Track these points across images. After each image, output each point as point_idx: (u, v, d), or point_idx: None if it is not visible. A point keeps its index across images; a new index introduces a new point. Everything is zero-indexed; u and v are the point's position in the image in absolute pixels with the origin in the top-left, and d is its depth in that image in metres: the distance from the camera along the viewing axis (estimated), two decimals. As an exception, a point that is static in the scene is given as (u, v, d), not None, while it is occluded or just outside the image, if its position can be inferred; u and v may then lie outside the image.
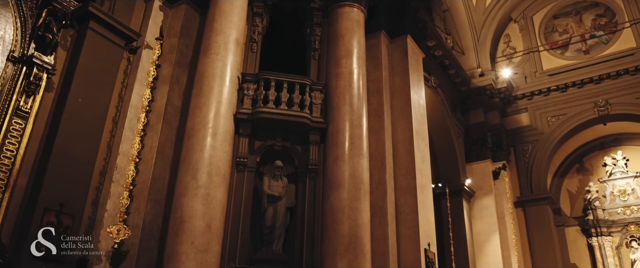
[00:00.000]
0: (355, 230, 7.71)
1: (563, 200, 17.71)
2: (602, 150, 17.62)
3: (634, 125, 16.05)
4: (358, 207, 7.88)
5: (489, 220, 14.93)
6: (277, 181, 8.29)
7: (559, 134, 16.23)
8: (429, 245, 9.41)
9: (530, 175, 16.21)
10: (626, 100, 15.45)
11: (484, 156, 15.70)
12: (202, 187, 7.24)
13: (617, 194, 16.42)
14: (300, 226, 8.19)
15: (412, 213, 9.14)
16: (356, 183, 8.04)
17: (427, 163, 10.24)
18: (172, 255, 6.88)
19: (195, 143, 7.51)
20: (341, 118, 8.53)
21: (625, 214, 16.11)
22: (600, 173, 17.13)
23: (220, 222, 7.33)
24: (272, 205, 8.11)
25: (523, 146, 16.65)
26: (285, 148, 8.54)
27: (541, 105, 16.77)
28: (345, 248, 7.59)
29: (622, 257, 15.94)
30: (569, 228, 17.07)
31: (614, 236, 16.15)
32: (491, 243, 14.67)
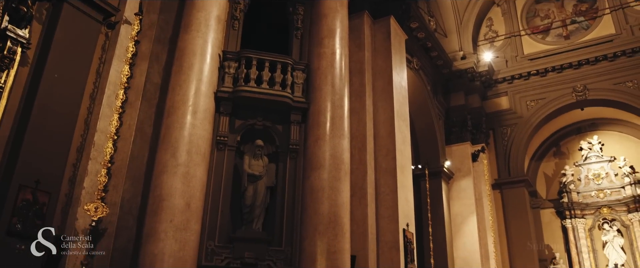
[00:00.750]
0: (335, 209, 7.76)
1: (539, 182, 18.06)
2: (579, 134, 17.97)
3: (611, 111, 16.36)
4: (338, 187, 7.91)
5: (467, 202, 15.18)
6: (257, 160, 8.26)
7: (538, 118, 16.48)
8: (407, 225, 9.54)
9: (508, 158, 16.46)
10: (604, 86, 15.71)
11: (463, 138, 15.89)
12: (181, 165, 7.19)
13: (592, 178, 16.79)
14: (280, 205, 8.21)
15: (391, 193, 9.24)
16: (337, 163, 8.06)
17: (407, 145, 10.32)
18: (151, 233, 6.84)
19: (175, 121, 7.43)
20: (323, 98, 8.51)
21: (598, 197, 16.50)
22: (576, 157, 17.48)
23: (199, 200, 7.30)
24: (252, 184, 8.08)
25: (502, 129, 16.88)
26: (266, 127, 8.50)
27: (521, 89, 16.97)
28: (324, 227, 7.65)
29: (594, 239, 16.39)
30: (544, 211, 17.46)
31: (587, 218, 16.56)
32: (468, 224, 14.93)
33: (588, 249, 16.16)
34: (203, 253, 7.45)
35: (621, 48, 15.69)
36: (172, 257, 6.70)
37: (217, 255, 7.59)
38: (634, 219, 15.77)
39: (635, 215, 15.73)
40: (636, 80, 15.34)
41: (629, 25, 16.03)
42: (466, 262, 14.58)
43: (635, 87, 15.30)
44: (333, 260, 7.53)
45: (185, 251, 6.85)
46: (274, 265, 7.82)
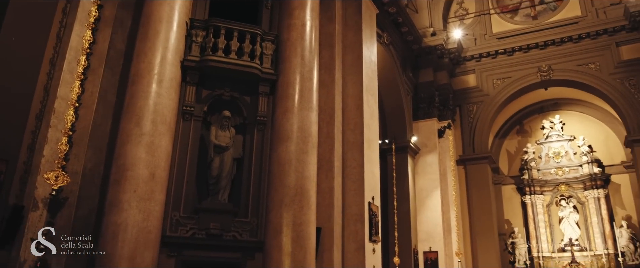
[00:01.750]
0: (301, 182, 7.79)
1: (502, 159, 18.53)
2: (542, 113, 18.43)
3: (573, 91, 16.79)
4: (305, 160, 7.93)
5: (432, 177, 15.47)
6: (224, 131, 8.17)
7: (503, 96, 16.79)
8: (373, 198, 9.67)
9: (473, 135, 16.78)
10: (568, 67, 16.08)
11: (430, 114, 16.09)
12: (146, 134, 7.06)
13: (552, 156, 17.31)
14: (247, 177, 8.19)
15: (358, 167, 9.33)
16: (304, 136, 8.06)
17: (375, 119, 10.38)
18: (114, 202, 6.73)
19: (139, 90, 7.25)
20: (292, 70, 8.44)
21: (557, 175, 17.05)
22: (538, 135, 17.96)
23: (164, 170, 7.21)
24: (219, 155, 8.02)
25: (468, 106, 17.15)
26: (233, 98, 8.39)
27: (488, 67, 17.21)
28: (291, 199, 7.68)
29: (551, 215, 17.00)
30: (506, 187, 17.96)
31: (546, 195, 17.13)
32: (432, 198, 15.25)
33: (545, 224, 16.76)
34: (168, 223, 7.40)
35: (586, 30, 16.04)
36: (136, 227, 6.62)
37: (182, 225, 7.56)
38: (589, 196, 16.40)
39: (591, 192, 16.35)
40: (598, 62, 15.75)
41: (594, 8, 16.37)
42: (429, 235, 14.94)
43: (597, 69, 15.72)
44: (299, 232, 7.59)
45: (150, 221, 6.78)
46: (239, 236, 7.84)
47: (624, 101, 15.16)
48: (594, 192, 16.31)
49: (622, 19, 15.50)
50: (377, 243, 9.78)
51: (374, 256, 9.56)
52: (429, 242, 14.87)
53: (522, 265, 16.21)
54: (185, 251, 7.54)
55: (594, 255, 15.77)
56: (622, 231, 15.46)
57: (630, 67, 15.30)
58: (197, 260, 7.67)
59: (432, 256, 14.72)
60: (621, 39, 15.64)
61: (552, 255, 16.29)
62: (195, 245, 7.59)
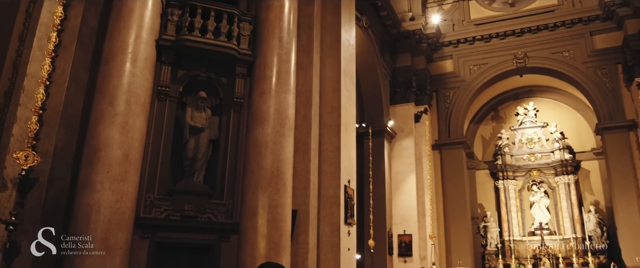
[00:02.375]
0: (277, 164, 7.76)
1: (477, 145, 18.81)
2: (516, 100, 18.73)
3: (547, 79, 17.08)
4: (282, 142, 7.89)
5: (408, 161, 15.62)
6: (200, 112, 8.06)
7: (479, 82, 16.98)
8: (349, 181, 9.71)
9: (449, 120, 16.96)
10: (543, 55, 16.32)
11: (407, 99, 16.19)
12: (119, 114, 6.92)
13: (525, 142, 17.64)
14: (222, 159, 8.12)
15: (334, 150, 9.34)
16: (281, 118, 8.01)
17: (352, 103, 10.38)
18: (86, 183, 6.61)
19: (112, 69, 7.09)
20: (269, 51, 8.34)
21: (530, 160, 17.41)
22: (512, 121, 18.27)
23: (138, 151, 7.09)
24: (194, 136, 7.92)
25: (445, 92, 17.30)
26: (209, 79, 8.27)
27: (465, 53, 17.34)
28: (267, 181, 7.65)
29: (523, 199, 17.39)
30: (480, 171, 18.27)
31: (518, 180, 17.50)
32: (408, 182, 15.41)
33: (517, 209, 17.14)
34: (142, 205, 7.31)
35: (561, 18, 16.26)
36: (109, 208, 6.53)
37: (156, 207, 7.48)
38: (559, 182, 16.80)
39: (562, 178, 16.75)
40: (573, 51, 16.02)
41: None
42: (404, 218, 15.14)
43: (571, 57, 15.99)
44: (274, 214, 7.59)
45: (123, 202, 6.68)
46: (214, 218, 7.80)
47: (595, 89, 15.48)
48: (565, 177, 16.71)
49: (597, 9, 15.76)
50: (353, 226, 9.86)
51: (349, 238, 9.64)
52: (403, 225, 15.08)
53: (494, 249, 16.58)
54: (160, 232, 7.47)
55: (562, 239, 16.22)
56: (590, 216, 15.91)
57: (602, 56, 15.61)
58: (172, 242, 7.62)
59: (406, 239, 14.94)
60: (595, 28, 15.91)
61: (523, 239, 16.70)
62: (170, 226, 7.52)
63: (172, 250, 7.74)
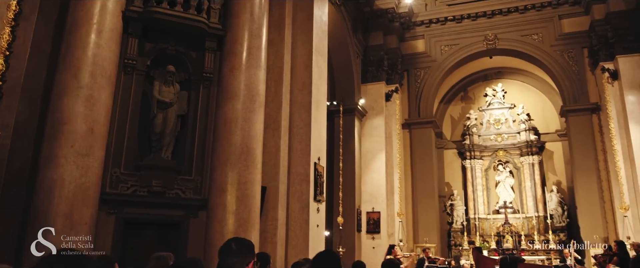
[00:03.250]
0: (247, 141, 7.72)
1: (446, 124, 19.07)
2: (485, 81, 19.00)
3: (516, 61, 17.34)
4: (252, 118, 7.84)
5: (378, 139, 15.75)
6: (168, 87, 7.90)
7: (450, 62, 17.13)
8: (319, 159, 9.74)
9: (419, 100, 17.11)
10: (512, 37, 16.53)
11: (379, 78, 16.24)
12: (84, 87, 6.73)
13: (493, 123, 17.96)
14: (191, 134, 8.02)
15: (305, 127, 9.33)
16: (251, 94, 7.94)
17: (324, 80, 10.35)
18: (50, 158, 6.45)
19: (77, 40, 6.86)
20: (240, 26, 8.21)
21: (496, 141, 17.75)
22: (481, 102, 18.54)
23: (104, 126, 6.94)
24: (162, 111, 7.78)
25: (416, 71, 17.40)
26: (178, 53, 8.10)
27: (437, 33, 17.42)
28: (236, 158, 7.61)
29: (488, 178, 17.78)
30: (448, 151, 18.57)
31: (485, 160, 17.85)
32: (377, 160, 15.56)
33: (483, 188, 17.53)
34: (108, 180, 7.18)
35: (532, 1, 16.46)
36: (73, 183, 6.39)
37: (122, 182, 7.36)
38: (524, 162, 17.22)
39: (526, 158, 17.17)
40: (541, 34, 16.28)
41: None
42: (372, 196, 15.33)
43: (539, 40, 16.25)
44: (243, 191, 7.57)
45: (88, 177, 6.55)
46: (182, 194, 7.74)
47: (562, 72, 15.82)
48: (529, 158, 17.13)
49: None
50: (322, 203, 9.93)
51: (318, 215, 9.72)
52: (372, 203, 15.27)
53: (459, 226, 16.97)
54: (126, 208, 7.37)
55: (525, 217, 16.70)
56: (552, 195, 16.41)
57: (570, 39, 15.91)
58: (139, 218, 7.54)
59: (374, 216, 15.15)
60: (564, 12, 16.17)
61: (488, 217, 17.13)
62: (137, 202, 7.43)
63: (139, 226, 7.66)
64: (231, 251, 2.63)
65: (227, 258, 2.61)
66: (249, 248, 2.68)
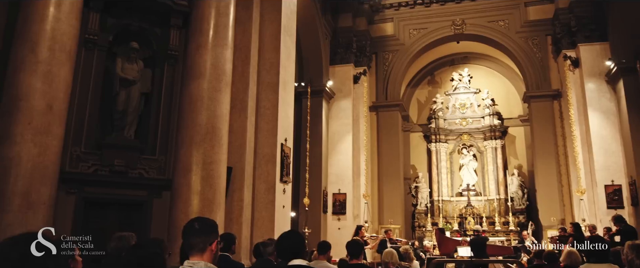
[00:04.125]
0: (213, 120, 7.61)
1: (412, 108, 19.28)
2: (452, 66, 19.24)
3: (482, 46, 17.58)
4: (218, 98, 7.72)
5: (345, 121, 15.81)
6: (131, 64, 7.70)
7: (418, 46, 17.23)
8: (285, 140, 9.71)
9: (387, 83, 17.20)
10: (479, 23, 16.72)
11: (347, 60, 16.23)
12: (42, 62, 6.47)
13: (458, 107, 18.24)
14: (155, 113, 7.86)
15: (272, 108, 9.26)
16: (218, 73, 7.80)
17: (292, 61, 10.27)
18: (6, 135, 6.20)
19: (33, 12, 6.57)
20: (207, 3, 8.02)
21: (461, 125, 18.06)
22: (447, 86, 18.79)
23: (63, 102, 6.71)
24: (125, 89, 7.58)
25: (384, 54, 17.45)
26: (142, 29, 7.89)
27: (406, 17, 17.46)
28: (201, 137, 7.50)
29: (453, 161, 18.12)
30: (414, 134, 18.80)
31: (450, 143, 18.17)
32: (344, 142, 15.64)
33: (447, 170, 17.86)
34: (67, 159, 7.00)
35: (499, -13, 16.65)
36: (31, 162, 6.18)
37: (83, 161, 7.19)
38: (488, 146, 17.60)
39: (490, 142, 17.55)
40: (508, 20, 16.52)
41: (508, -34, 16.95)
42: (339, 177, 15.43)
43: (505, 27, 16.50)
44: (209, 171, 7.48)
45: (46, 156, 6.34)
46: (146, 174, 7.61)
47: (526, 59, 16.14)
48: (493, 142, 17.52)
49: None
50: (288, 184, 9.92)
51: (284, 196, 9.72)
52: (338, 184, 15.38)
53: (423, 208, 17.29)
54: (87, 188, 7.22)
55: (487, 199, 17.13)
56: (513, 179, 16.87)
57: (535, 27, 16.21)
58: (100, 198, 7.40)
59: (340, 197, 15.27)
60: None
61: (451, 199, 17.50)
62: (98, 181, 7.28)
63: (101, 206, 7.53)
64: (194, 231, 2.60)
65: (190, 238, 2.58)
66: (212, 227, 2.65)
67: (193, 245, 2.56)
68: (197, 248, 2.55)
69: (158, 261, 3.08)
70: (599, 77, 13.90)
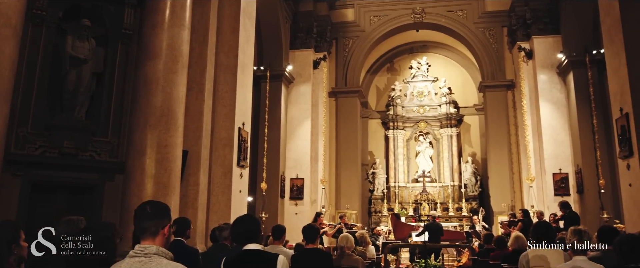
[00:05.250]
0: (168, 103, 7.42)
1: (371, 95, 19.41)
2: (411, 54, 19.43)
3: (441, 35, 17.82)
4: (174, 80, 7.52)
5: (304, 107, 15.77)
6: (83, 42, 7.38)
7: (378, 33, 17.29)
8: (243, 124, 9.61)
9: (346, 69, 17.23)
10: (438, 12, 16.91)
11: (307, 45, 16.14)
12: (-15, 38, 6.13)
13: (416, 94, 18.49)
14: (107, 94, 7.60)
15: (230, 91, 9.13)
16: (174, 54, 7.59)
17: (251, 44, 10.13)
18: (-56, 113, 5.88)
19: (-24, -16, 6.21)
20: (163, -19, 7.78)
21: (419, 113, 18.34)
22: (406, 74, 19.00)
23: (8, 81, 6.36)
24: (76, 68, 7.27)
25: (345, 40, 17.45)
26: (94, 6, 7.57)
27: (366, 3, 17.48)
28: (156, 120, 7.30)
29: (409, 148, 18.41)
30: (372, 120, 18.96)
31: (407, 130, 18.43)
32: (303, 127, 15.62)
33: (404, 157, 18.13)
34: (13, 140, 6.69)
35: (458, -22, 16.86)
36: (-28, 142, 5.89)
37: (30, 142, 6.90)
38: (443, 134, 17.96)
39: (446, 130, 17.91)
40: (466, 11, 16.79)
41: (467, -43, 17.18)
42: (297, 162, 15.42)
43: (464, 17, 16.77)
44: (164, 154, 7.31)
45: (-11, 136, 6.05)
46: (97, 156, 7.37)
47: (482, 49, 16.49)
48: (448, 130, 17.88)
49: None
50: (245, 169, 9.85)
51: (241, 181, 9.64)
52: (296, 169, 15.37)
53: (380, 194, 17.52)
54: (35, 170, 6.94)
55: (442, 186, 17.51)
56: (467, 166, 17.31)
57: (492, 18, 16.55)
58: (48, 181, 7.13)
59: (298, 183, 15.28)
60: (488, -10, 16.76)
61: (407, 185, 17.80)
62: (46, 164, 7.00)
63: (49, 189, 7.27)
64: (146, 214, 2.52)
65: (142, 222, 2.50)
66: (164, 211, 2.58)
67: (145, 229, 2.49)
68: (149, 232, 2.48)
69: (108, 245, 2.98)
70: (551, 69, 14.36)
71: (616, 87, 8.69)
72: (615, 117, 8.77)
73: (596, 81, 13.02)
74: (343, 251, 6.00)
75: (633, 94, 8.07)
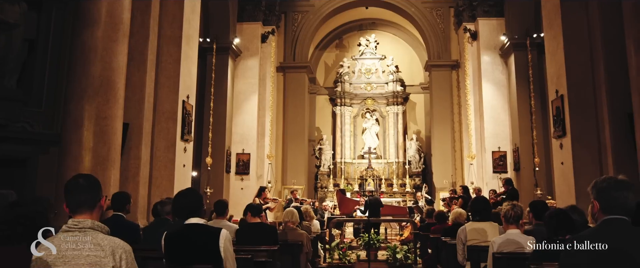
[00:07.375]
0: (108, 73, 7.09)
1: (320, 71, 19.39)
2: (360, 31, 19.49)
3: (390, 14, 17.94)
4: (114, 49, 7.18)
5: (251, 81, 15.56)
6: (12, 5, 6.83)
7: (328, 9, 17.19)
8: (188, 97, 9.37)
9: (295, 44, 17.09)
10: (388, -11, 16.96)
11: (255, 18, 15.85)
12: None
13: (364, 72, 18.62)
14: (41, 62, 7.14)
15: (174, 63, 8.84)
16: (114, 22, 7.23)
17: (196, 14, 9.82)
18: None
19: None
20: (102, -57, 7.35)
21: (366, 90, 18.51)
22: (354, 51, 19.07)
23: None
24: (5, 33, 6.76)
25: (294, 15, 17.25)
26: (27, -33, 7.07)
27: (317, -22, 17.29)
28: (95, 91, 6.98)
29: (356, 125, 18.61)
30: (320, 96, 18.99)
31: (354, 107, 18.59)
32: (250, 102, 15.45)
33: (350, 134, 18.33)
34: None
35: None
36: None
37: (-47, 111, 6.42)
38: (390, 111, 18.24)
39: (392, 108, 18.19)
40: (416, -11, 16.95)
41: None
42: (243, 137, 15.27)
43: (413, -5, 16.93)
44: (102, 126, 7.01)
45: None
46: (30, 128, 6.95)
47: (429, 29, 16.74)
48: (395, 108, 18.16)
49: (442, -49, 16.71)
50: (190, 143, 9.64)
51: (185, 155, 9.44)
52: (242, 144, 15.22)
53: (326, 169, 17.67)
54: (-42, 141, 6.49)
55: (387, 162, 17.87)
56: (412, 143, 17.71)
57: (440, -3, 16.81)
58: (-25, 152, 6.69)
59: (244, 158, 15.15)
60: (436, -30, 16.95)
61: (353, 161, 18.04)
62: (-28, 135, 6.56)
63: (-24, 162, 6.82)
64: (82, 187, 2.42)
65: (79, 195, 2.40)
66: (98, 184, 2.49)
67: (81, 203, 2.39)
68: (86, 205, 2.40)
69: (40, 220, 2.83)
70: (494, 50, 14.80)
71: (553, 69, 9.06)
72: (551, 98, 9.16)
73: (535, 64, 13.53)
74: (287, 225, 6.01)
75: (568, 77, 8.44)
